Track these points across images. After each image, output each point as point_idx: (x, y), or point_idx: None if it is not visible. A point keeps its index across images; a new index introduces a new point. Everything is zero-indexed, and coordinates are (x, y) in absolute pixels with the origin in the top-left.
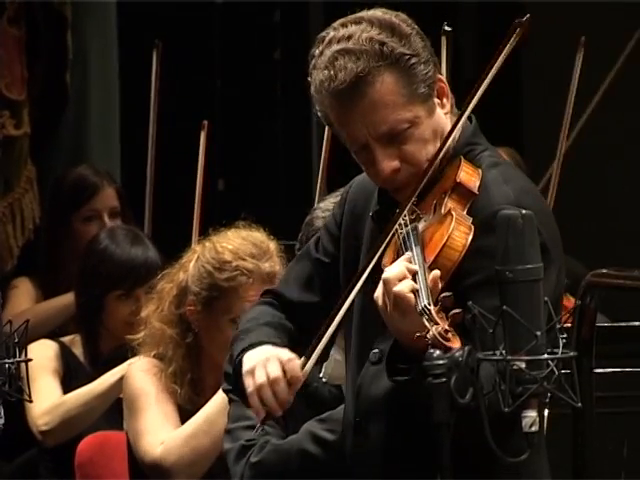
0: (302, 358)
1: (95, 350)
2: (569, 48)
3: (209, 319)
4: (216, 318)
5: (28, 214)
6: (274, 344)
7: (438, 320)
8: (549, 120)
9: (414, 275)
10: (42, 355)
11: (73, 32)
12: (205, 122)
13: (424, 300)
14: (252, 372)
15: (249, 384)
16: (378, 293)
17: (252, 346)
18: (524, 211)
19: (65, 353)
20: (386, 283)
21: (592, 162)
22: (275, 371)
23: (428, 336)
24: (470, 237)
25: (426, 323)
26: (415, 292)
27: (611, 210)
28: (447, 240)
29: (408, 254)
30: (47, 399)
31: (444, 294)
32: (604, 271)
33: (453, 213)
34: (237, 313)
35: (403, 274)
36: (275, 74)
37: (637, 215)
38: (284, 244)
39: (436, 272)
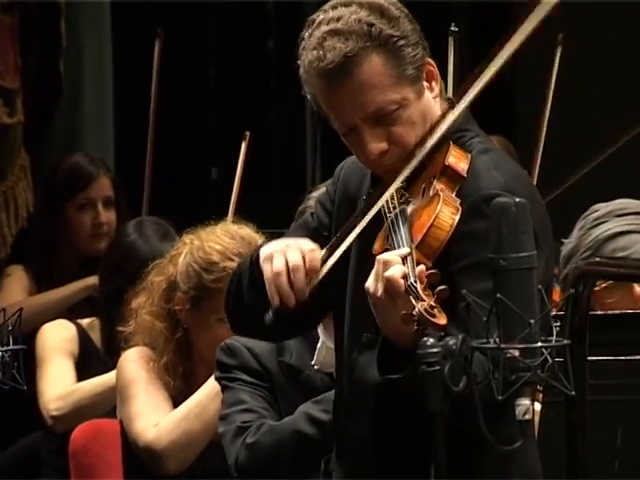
0: (323, 250)
1: (111, 337)
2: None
3: (197, 317)
4: (204, 317)
5: (22, 202)
6: None
7: (424, 297)
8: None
9: (404, 258)
10: (59, 336)
11: (67, 20)
12: (247, 133)
13: (410, 278)
14: (270, 258)
15: (267, 269)
16: (369, 282)
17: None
18: (517, 199)
19: (82, 336)
20: (383, 264)
21: (590, 152)
22: (295, 258)
23: (414, 312)
24: (457, 217)
25: (412, 300)
26: (405, 277)
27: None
28: (434, 220)
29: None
30: (60, 382)
31: (430, 271)
32: (598, 259)
33: (440, 194)
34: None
35: (395, 259)
36: (269, 63)
37: None
38: (277, 232)
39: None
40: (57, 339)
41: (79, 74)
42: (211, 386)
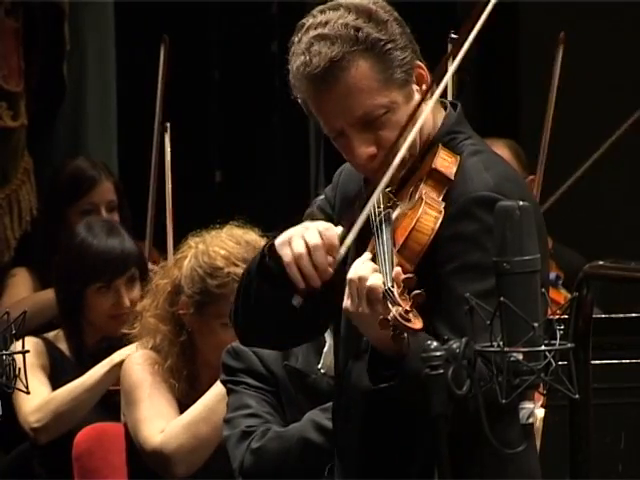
0: (340, 229)
1: (79, 344)
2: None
3: (201, 322)
4: (208, 321)
5: (25, 206)
6: None
7: (400, 302)
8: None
9: (374, 257)
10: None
11: (70, 23)
12: (167, 124)
13: (388, 283)
14: (289, 241)
15: (286, 253)
16: (346, 301)
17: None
18: (521, 202)
19: (50, 349)
20: (359, 280)
21: (590, 153)
22: (313, 238)
23: (389, 317)
24: (440, 220)
25: (388, 305)
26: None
27: (609, 202)
28: (415, 223)
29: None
30: (36, 396)
31: (406, 275)
32: (601, 263)
33: (424, 197)
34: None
35: (369, 269)
36: (272, 66)
37: (635, 207)
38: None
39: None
40: (26, 355)
41: (82, 77)
42: (218, 389)
